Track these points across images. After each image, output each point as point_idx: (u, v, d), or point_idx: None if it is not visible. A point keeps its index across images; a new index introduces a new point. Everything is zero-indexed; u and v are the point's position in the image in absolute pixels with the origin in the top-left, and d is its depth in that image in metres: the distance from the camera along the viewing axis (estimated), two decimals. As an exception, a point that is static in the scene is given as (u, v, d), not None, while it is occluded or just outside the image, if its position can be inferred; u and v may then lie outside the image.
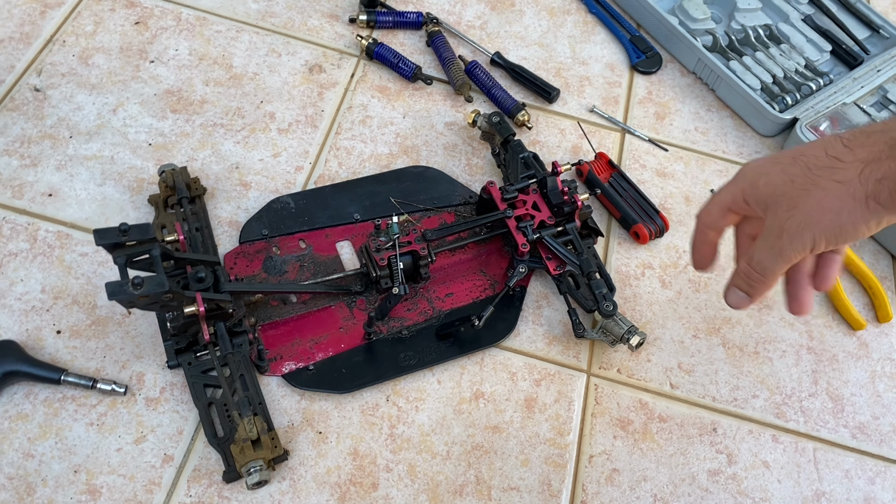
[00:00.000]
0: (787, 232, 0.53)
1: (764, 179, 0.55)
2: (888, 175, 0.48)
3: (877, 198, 0.49)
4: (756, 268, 0.56)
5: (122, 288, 0.64)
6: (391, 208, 0.90)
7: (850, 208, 0.50)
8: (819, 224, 0.51)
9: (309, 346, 0.79)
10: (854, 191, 0.49)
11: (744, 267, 0.58)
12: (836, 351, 0.88)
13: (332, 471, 0.73)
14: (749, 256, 0.57)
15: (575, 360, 0.83)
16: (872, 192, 0.49)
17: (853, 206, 0.50)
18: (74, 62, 0.97)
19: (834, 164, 0.50)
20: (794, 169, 0.53)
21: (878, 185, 0.48)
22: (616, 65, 1.11)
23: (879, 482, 0.80)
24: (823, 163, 0.51)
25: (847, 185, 0.49)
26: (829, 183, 0.50)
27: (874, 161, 0.49)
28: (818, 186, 0.51)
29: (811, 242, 0.52)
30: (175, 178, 0.84)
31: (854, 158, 0.50)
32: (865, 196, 0.49)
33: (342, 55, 1.04)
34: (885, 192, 0.48)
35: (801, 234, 0.52)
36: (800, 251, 0.53)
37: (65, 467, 0.70)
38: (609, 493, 0.76)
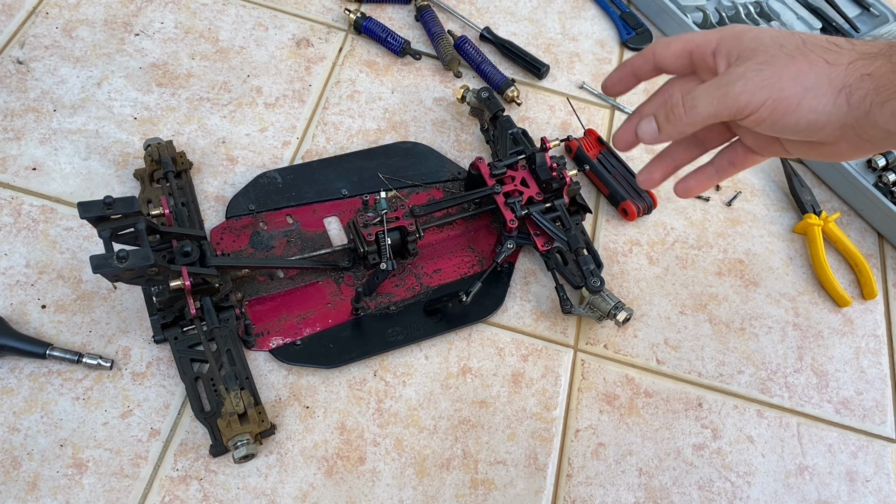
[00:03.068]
0: (744, 81, 0.47)
1: (752, 34, 0.49)
2: (875, 73, 0.45)
3: (850, 94, 0.45)
4: (687, 103, 0.50)
5: (106, 261, 0.63)
6: (379, 184, 0.90)
7: (820, 91, 0.46)
8: (782, 91, 0.47)
9: (296, 321, 0.79)
10: (835, 76, 0.46)
11: (675, 98, 0.50)
12: (821, 327, 0.89)
13: (319, 445, 0.74)
14: (687, 90, 0.51)
15: (562, 336, 0.84)
16: (850, 85, 0.45)
17: (825, 90, 0.46)
18: (58, 34, 0.95)
19: (831, 47, 0.47)
20: (790, 38, 0.48)
21: (860, 80, 0.45)
22: (606, 41, 1.10)
23: (862, 456, 0.81)
24: (821, 43, 0.47)
25: (833, 67, 0.46)
26: (817, 58, 0.46)
27: (869, 55, 0.46)
28: (806, 58, 0.47)
29: (760, 103, 0.47)
30: (161, 152, 0.83)
31: (851, 48, 0.46)
32: (842, 86, 0.46)
33: (330, 29, 1.03)
34: (861, 91, 0.45)
35: (757, 90, 0.47)
36: (742, 107, 0.48)
37: (51, 441, 0.70)
38: (595, 466, 0.76)
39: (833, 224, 0.94)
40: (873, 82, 0.44)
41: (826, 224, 0.93)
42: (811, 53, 0.47)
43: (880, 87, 0.44)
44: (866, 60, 0.45)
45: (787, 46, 0.48)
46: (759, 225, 0.95)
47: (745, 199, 0.97)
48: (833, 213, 0.96)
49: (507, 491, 0.74)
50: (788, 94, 0.46)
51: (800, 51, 0.47)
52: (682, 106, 0.50)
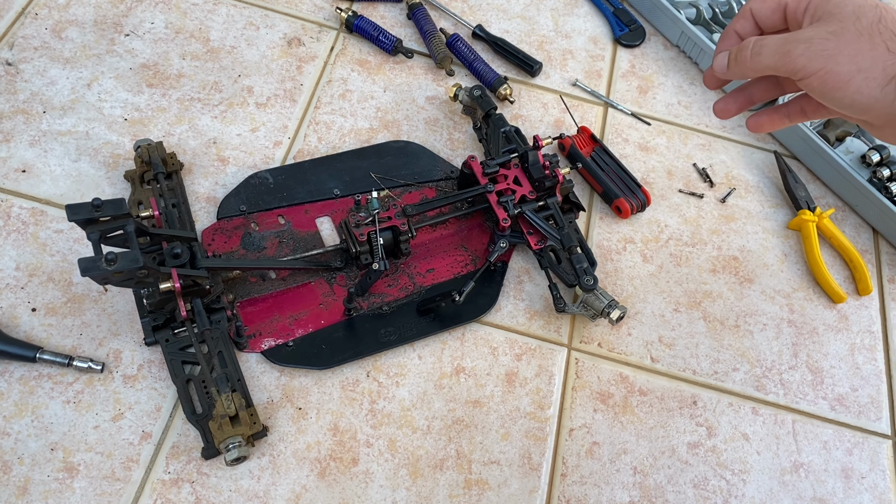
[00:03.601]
0: (808, 44, 0.49)
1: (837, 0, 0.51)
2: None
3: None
4: (755, 48, 0.53)
5: (95, 264, 0.63)
6: (371, 183, 0.89)
7: (872, 76, 0.47)
8: (837, 65, 0.48)
9: (288, 322, 0.79)
10: (890, 65, 0.47)
11: (747, 41, 0.54)
12: (816, 324, 0.88)
13: (311, 446, 0.73)
14: (761, 38, 0.53)
15: (556, 335, 0.83)
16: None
17: (876, 75, 0.47)
18: (47, 35, 0.95)
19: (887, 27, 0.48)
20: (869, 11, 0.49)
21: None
22: (599, 38, 1.10)
23: (857, 453, 0.80)
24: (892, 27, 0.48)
25: (892, 56, 0.47)
26: (881, 42, 0.48)
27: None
28: (871, 39, 0.48)
29: (814, 71, 0.49)
30: (151, 153, 0.83)
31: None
32: (894, 76, 0.47)
33: (321, 28, 1.03)
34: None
35: (815, 57, 0.49)
36: (799, 69, 0.50)
37: (41, 445, 0.70)
38: (589, 465, 0.76)
39: (828, 220, 0.93)
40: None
41: (821, 220, 0.93)
42: (879, 36, 0.48)
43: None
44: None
45: (862, 20, 0.48)
46: (754, 221, 0.95)
47: (739, 195, 0.97)
48: (828, 208, 0.96)
49: (502, 491, 0.74)
50: (841, 70, 0.48)
51: (872, 29, 0.48)
52: (750, 50, 0.53)
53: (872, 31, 0.48)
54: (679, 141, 1.00)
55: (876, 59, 0.47)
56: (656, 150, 0.99)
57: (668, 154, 0.99)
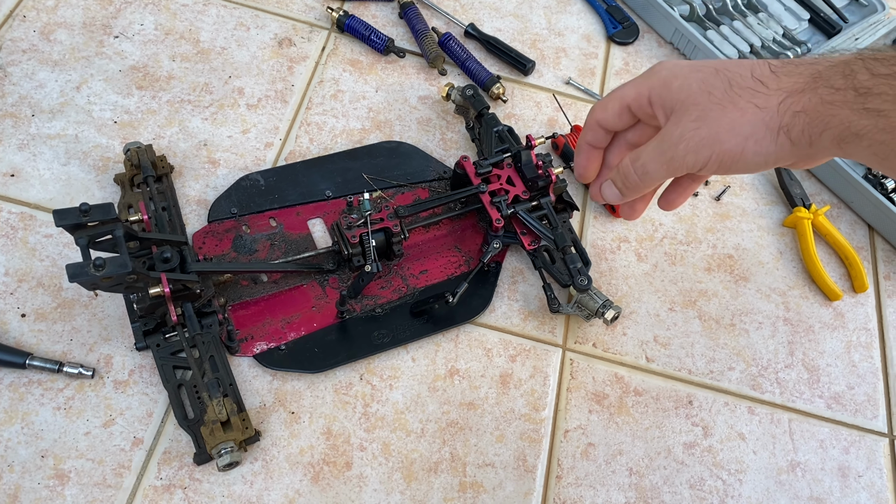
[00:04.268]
0: (685, 142, 0.49)
1: (679, 83, 0.50)
2: (806, 109, 0.45)
3: (788, 132, 0.46)
4: (638, 170, 0.52)
5: (83, 270, 0.62)
6: (363, 185, 0.89)
7: (759, 136, 0.47)
8: (723, 144, 0.48)
9: (281, 325, 0.78)
10: (769, 120, 0.47)
11: (626, 165, 0.53)
12: (812, 322, 0.88)
13: (304, 451, 0.73)
14: (635, 155, 0.52)
15: (550, 336, 0.83)
16: (786, 124, 0.46)
17: (763, 135, 0.47)
18: (36, 38, 0.94)
19: (757, 87, 0.48)
20: (715, 81, 0.49)
21: (793, 117, 0.46)
22: (592, 35, 1.09)
23: (854, 451, 0.80)
24: (747, 83, 0.48)
25: (765, 111, 0.47)
26: (747, 105, 0.47)
27: (797, 92, 0.46)
28: (736, 105, 0.48)
29: (705, 161, 0.49)
30: (140, 156, 0.82)
31: (778, 87, 0.47)
32: (778, 127, 0.47)
33: (312, 28, 1.02)
34: (798, 127, 0.46)
35: (699, 149, 0.49)
36: (690, 167, 0.50)
37: (31, 452, 0.69)
38: (584, 467, 0.76)
39: (823, 217, 0.93)
40: (806, 117, 0.45)
41: (816, 217, 0.93)
42: (740, 99, 0.48)
43: (814, 121, 0.45)
44: (793, 98, 0.46)
45: (714, 93, 0.48)
46: (749, 219, 0.95)
47: (734, 193, 0.96)
48: (823, 206, 0.96)
49: (497, 493, 0.73)
50: (730, 146, 0.48)
51: (728, 97, 0.48)
52: (634, 173, 0.52)
53: (731, 98, 0.48)
54: (673, 139, 1.00)
55: (753, 120, 0.47)
56: (650, 149, 0.98)
57: (663, 152, 0.98)
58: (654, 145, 0.51)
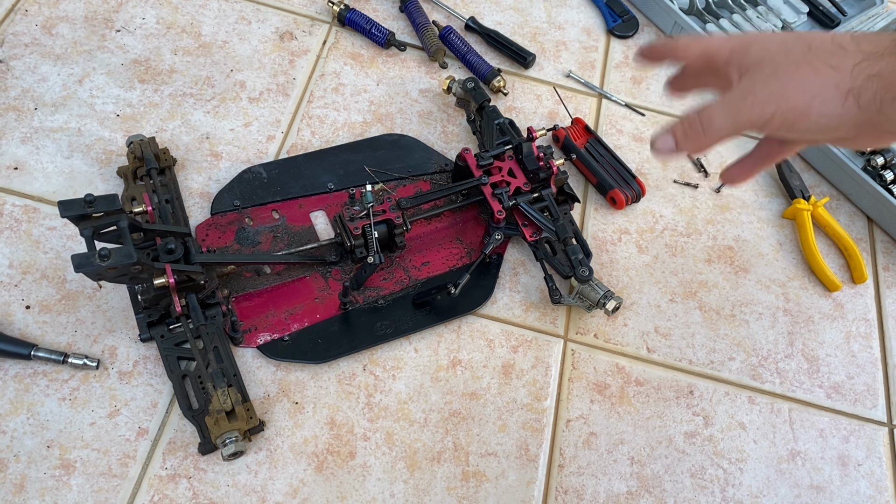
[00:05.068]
0: (754, 96, 0.49)
1: (759, 45, 0.50)
2: (882, 73, 0.45)
3: (858, 96, 0.46)
4: (704, 121, 0.51)
5: (89, 260, 0.62)
6: (365, 177, 0.89)
7: (826, 97, 0.46)
8: (789, 100, 0.48)
9: (284, 316, 0.79)
10: (841, 81, 0.46)
11: (692, 115, 0.51)
12: (811, 312, 0.88)
13: (308, 440, 0.73)
14: (701, 107, 0.51)
15: (552, 326, 0.83)
16: (858, 87, 0.45)
17: (832, 96, 0.46)
18: (38, 32, 0.94)
19: (835, 50, 0.47)
20: (796, 43, 0.49)
21: (867, 80, 0.45)
22: (592, 29, 1.09)
23: (853, 440, 0.81)
24: (826, 47, 0.47)
25: (838, 71, 0.46)
26: (821, 65, 0.47)
27: (874, 55, 0.45)
28: (811, 65, 0.47)
29: (770, 115, 0.48)
30: (143, 148, 0.83)
31: (857, 49, 0.46)
32: (848, 90, 0.46)
33: (313, 22, 1.02)
34: (869, 91, 0.45)
35: (766, 103, 0.48)
36: (755, 121, 0.49)
37: (37, 443, 0.69)
38: (586, 456, 0.76)
39: (822, 209, 0.93)
40: (881, 81, 0.44)
41: (815, 209, 0.93)
42: (815, 60, 0.47)
43: (888, 84, 0.44)
44: (871, 61, 0.45)
45: (792, 53, 0.48)
46: (749, 211, 0.95)
47: (733, 185, 0.97)
48: (822, 197, 0.96)
49: (499, 482, 0.74)
50: (795, 103, 0.47)
51: (804, 57, 0.47)
52: (700, 124, 0.51)
53: (807, 58, 0.48)
54: (673, 131, 1.00)
55: (824, 80, 0.46)
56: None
57: (663, 144, 0.99)
58: (723, 99, 0.50)
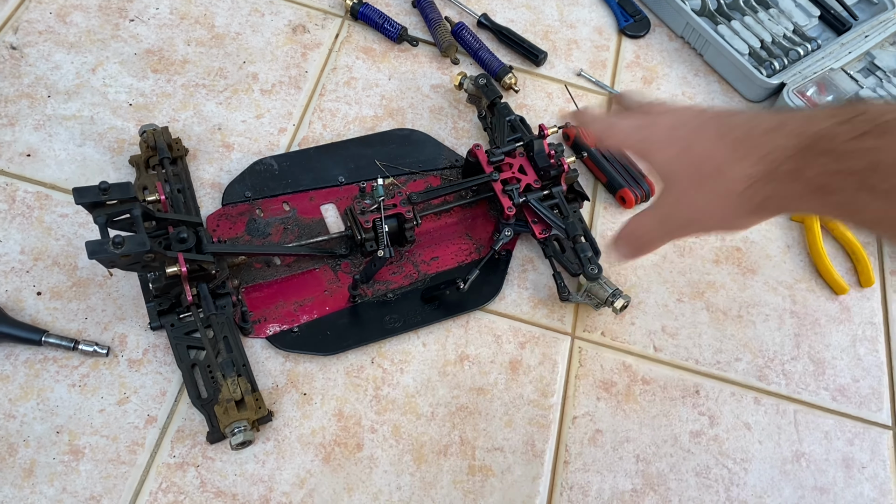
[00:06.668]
0: (674, 219, 0.55)
1: (658, 157, 0.55)
2: (773, 194, 0.48)
3: (763, 209, 0.50)
4: (643, 237, 0.58)
5: (102, 247, 0.63)
6: (376, 171, 0.89)
7: (736, 214, 0.51)
8: (705, 223, 0.54)
9: (293, 308, 0.79)
10: (740, 203, 0.50)
11: (633, 230, 0.59)
12: (818, 315, 0.89)
13: (316, 432, 0.74)
14: (639, 222, 0.58)
15: (559, 324, 0.83)
16: (759, 205, 0.49)
17: (739, 212, 0.50)
18: (52, 20, 0.94)
19: (718, 176, 0.50)
20: (686, 162, 0.53)
21: (764, 200, 0.49)
22: (604, 28, 1.10)
23: (858, 443, 0.81)
24: (709, 169, 0.51)
25: (732, 198, 0.50)
26: (713, 192, 0.51)
27: (759, 181, 0.48)
28: (704, 192, 0.52)
29: (697, 232, 0.56)
30: (156, 138, 0.83)
31: (739, 175, 0.49)
32: (751, 208, 0.50)
33: (326, 15, 1.03)
34: (771, 206, 0.49)
35: (687, 226, 0.55)
36: (686, 236, 0.58)
37: (47, 428, 0.70)
38: (592, 453, 0.77)
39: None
40: (776, 201, 0.48)
41: (823, 212, 0.93)
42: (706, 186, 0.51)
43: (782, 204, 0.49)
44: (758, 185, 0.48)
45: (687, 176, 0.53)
46: (757, 213, 0.95)
47: (742, 186, 0.97)
48: (830, 201, 0.96)
49: (505, 477, 0.74)
50: (712, 223, 0.53)
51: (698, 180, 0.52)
52: (641, 239, 0.58)
53: (700, 183, 0.52)
54: (683, 132, 1.00)
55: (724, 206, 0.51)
56: (660, 141, 0.99)
57: (673, 145, 0.99)
58: (652, 214, 0.57)
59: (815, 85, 1.02)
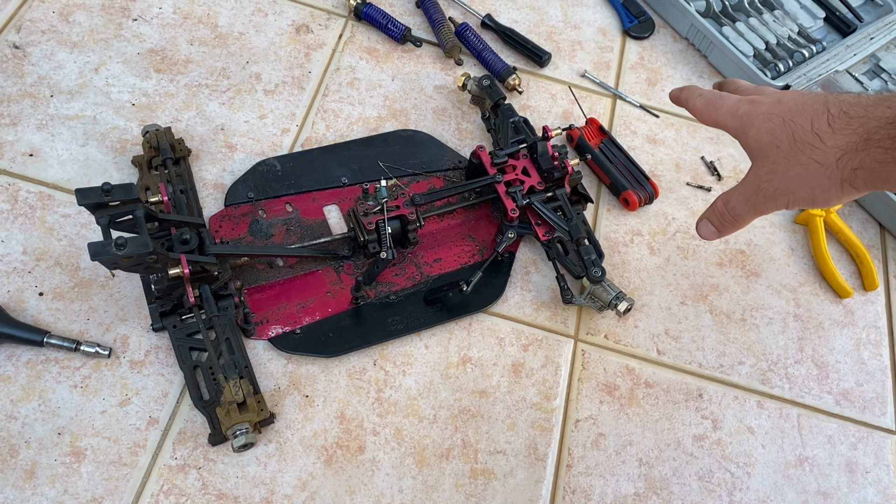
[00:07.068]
0: (763, 192, 0.57)
1: (754, 132, 0.58)
2: (862, 166, 0.51)
3: (852, 182, 0.52)
4: (731, 212, 0.61)
5: (105, 248, 0.63)
6: (379, 172, 0.89)
7: (825, 186, 0.54)
8: (795, 193, 0.56)
9: (296, 309, 0.79)
10: (831, 173, 0.53)
11: (720, 206, 0.62)
12: (822, 318, 0.88)
13: (318, 434, 0.73)
14: (727, 197, 0.61)
15: (562, 326, 0.83)
16: (848, 177, 0.52)
17: (828, 185, 0.53)
18: (55, 19, 0.94)
19: (816, 143, 0.53)
20: (782, 134, 0.55)
21: (853, 172, 0.52)
22: (608, 29, 1.09)
23: (861, 448, 0.81)
24: (808, 137, 0.53)
25: (825, 167, 0.53)
26: (808, 160, 0.53)
27: (851, 151, 0.51)
28: (799, 161, 0.54)
29: (785, 205, 0.57)
30: (159, 138, 0.83)
31: (834, 144, 0.52)
32: (841, 180, 0.52)
33: (330, 15, 1.02)
34: (859, 179, 0.52)
35: (776, 197, 0.57)
36: (773, 209, 0.58)
37: (48, 429, 0.70)
38: (595, 457, 0.76)
39: (835, 215, 0.93)
40: (865, 173, 0.51)
41: (828, 215, 0.93)
42: (802, 155, 0.54)
43: (872, 176, 0.51)
44: (850, 155, 0.51)
45: (781, 147, 0.55)
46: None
47: (746, 189, 0.97)
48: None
49: (507, 481, 0.74)
50: (801, 195, 0.55)
51: (792, 151, 0.54)
52: (729, 214, 0.61)
53: (795, 153, 0.54)
54: (687, 134, 1.00)
55: (818, 175, 0.53)
56: (664, 143, 0.99)
57: (677, 147, 0.99)
58: (741, 189, 0.60)
59: (819, 87, 1.01)
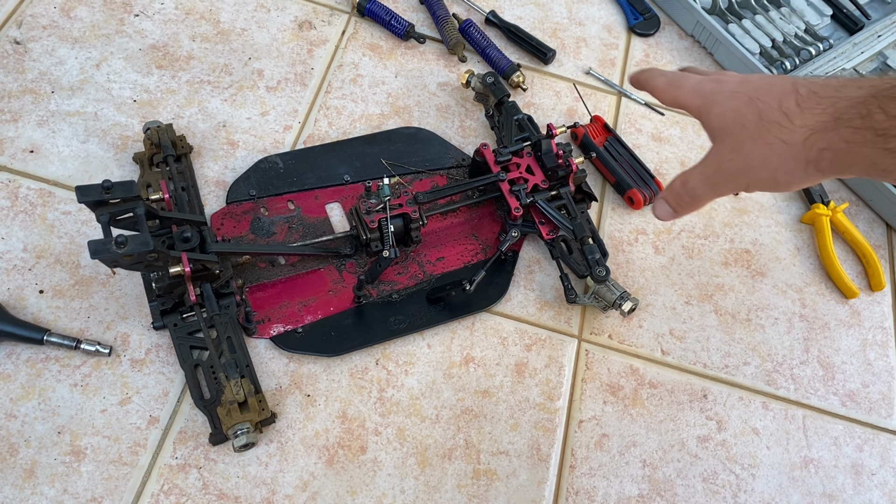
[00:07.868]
0: (724, 172, 0.55)
1: (718, 110, 0.55)
2: (830, 146, 0.49)
3: (817, 164, 0.50)
4: (689, 192, 0.58)
5: (105, 246, 0.62)
6: (382, 170, 0.88)
7: (788, 168, 0.51)
8: (756, 174, 0.53)
9: (297, 308, 0.78)
10: (797, 154, 0.51)
11: (677, 186, 0.59)
12: (828, 319, 0.87)
13: (320, 434, 0.73)
14: (686, 177, 0.58)
15: (566, 326, 0.83)
16: (814, 158, 0.50)
17: (792, 166, 0.51)
18: (56, 14, 0.94)
19: (783, 122, 0.51)
20: (748, 112, 0.53)
21: (820, 153, 0.50)
22: (613, 26, 1.08)
23: (867, 449, 0.80)
24: (775, 116, 0.51)
25: (791, 147, 0.51)
26: (775, 139, 0.51)
27: (820, 130, 0.49)
28: (765, 140, 0.52)
29: (744, 186, 0.55)
30: (160, 135, 0.82)
31: (802, 123, 0.50)
32: (806, 161, 0.50)
33: (333, 11, 1.01)
34: (825, 161, 0.50)
35: (737, 177, 0.54)
36: (732, 190, 0.56)
37: (48, 428, 0.69)
38: (598, 458, 0.76)
39: (841, 214, 0.92)
40: (832, 154, 0.49)
41: (834, 214, 0.92)
42: (768, 133, 0.52)
43: (839, 157, 0.49)
44: (818, 135, 0.49)
45: (747, 126, 0.53)
46: (767, 215, 0.94)
47: (752, 188, 0.96)
48: (841, 203, 0.95)
49: (510, 482, 0.73)
50: (763, 175, 0.53)
51: (758, 130, 0.52)
52: (686, 194, 0.58)
53: (761, 132, 0.52)
54: (693, 132, 0.99)
55: (782, 155, 0.51)
56: (670, 141, 0.98)
57: (682, 145, 0.98)
58: (700, 169, 0.57)
59: (826, 85, 1.00)
